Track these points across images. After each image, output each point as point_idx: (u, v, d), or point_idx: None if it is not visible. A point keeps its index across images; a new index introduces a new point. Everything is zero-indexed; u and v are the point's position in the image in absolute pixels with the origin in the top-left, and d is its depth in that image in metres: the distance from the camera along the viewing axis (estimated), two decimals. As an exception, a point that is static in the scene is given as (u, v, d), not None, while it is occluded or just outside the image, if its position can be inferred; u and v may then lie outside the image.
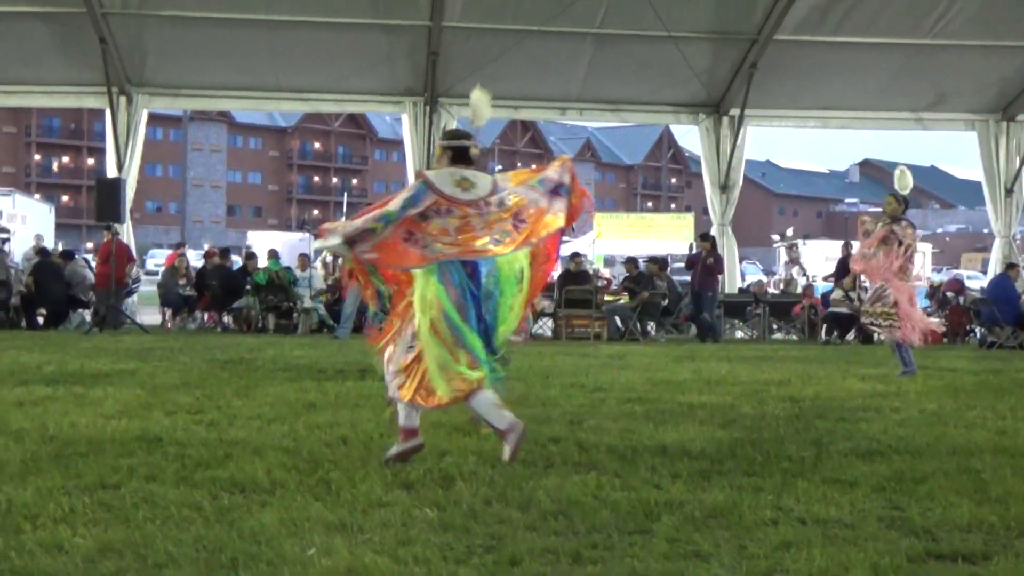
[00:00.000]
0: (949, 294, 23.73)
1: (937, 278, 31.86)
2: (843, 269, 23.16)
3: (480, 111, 7.13)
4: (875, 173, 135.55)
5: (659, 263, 22.95)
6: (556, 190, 6.92)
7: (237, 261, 24.31)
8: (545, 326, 22.88)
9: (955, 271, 50.18)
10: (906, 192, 13.15)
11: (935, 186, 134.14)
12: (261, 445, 6.95)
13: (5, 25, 21.30)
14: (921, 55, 22.73)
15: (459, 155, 6.80)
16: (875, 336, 15.85)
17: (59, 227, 38.91)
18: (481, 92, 7.13)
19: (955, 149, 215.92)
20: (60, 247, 30.65)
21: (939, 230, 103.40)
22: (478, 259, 6.52)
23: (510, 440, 6.54)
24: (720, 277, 22.38)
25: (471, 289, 6.48)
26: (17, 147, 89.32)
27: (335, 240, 6.47)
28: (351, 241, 6.45)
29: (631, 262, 24.71)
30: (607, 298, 22.83)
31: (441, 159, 6.86)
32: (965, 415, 9.20)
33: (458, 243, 6.51)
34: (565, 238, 8.60)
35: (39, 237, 29.54)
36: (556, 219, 6.82)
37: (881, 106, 24.73)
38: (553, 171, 7.02)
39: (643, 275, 22.92)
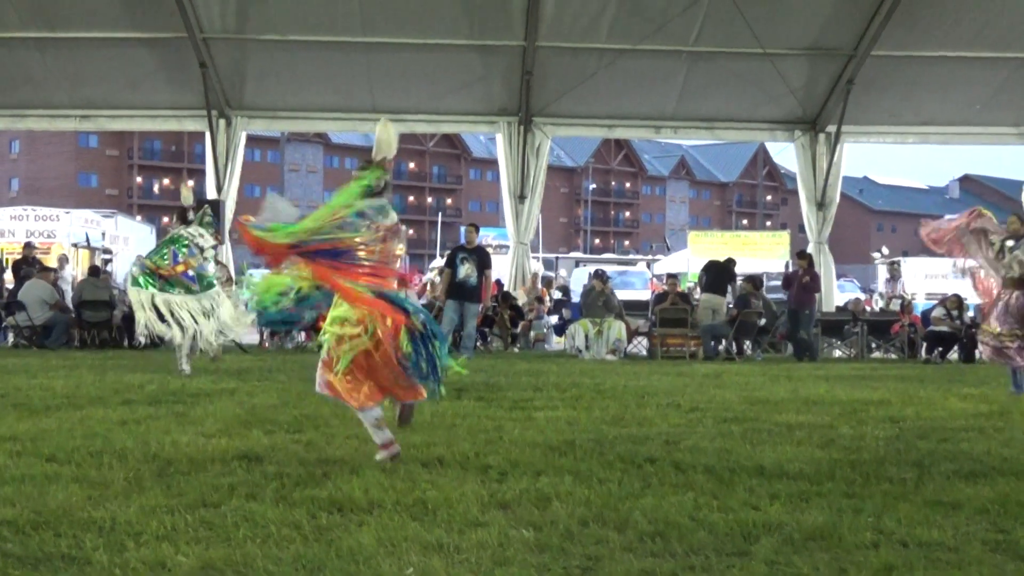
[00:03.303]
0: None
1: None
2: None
3: (382, 144, 7.45)
4: (976, 189, 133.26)
5: (754, 282, 22.76)
6: None
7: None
8: (640, 345, 22.80)
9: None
10: None
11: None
12: (358, 464, 6.98)
13: (111, 51, 21.84)
14: (1023, 69, 22.36)
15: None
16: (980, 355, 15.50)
17: (160, 248, 39.54)
18: (384, 124, 7.48)
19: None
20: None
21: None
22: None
23: (387, 454, 7.14)
24: (817, 295, 22.14)
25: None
26: (120, 169, 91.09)
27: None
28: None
29: (672, 278, 24.41)
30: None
31: None
32: (1072, 436, 9.00)
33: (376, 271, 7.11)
34: (658, 256, 8.85)
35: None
36: None
37: (982, 121, 24.35)
38: None
39: (684, 294, 23.09)
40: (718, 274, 22.67)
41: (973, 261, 13.23)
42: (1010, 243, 12.83)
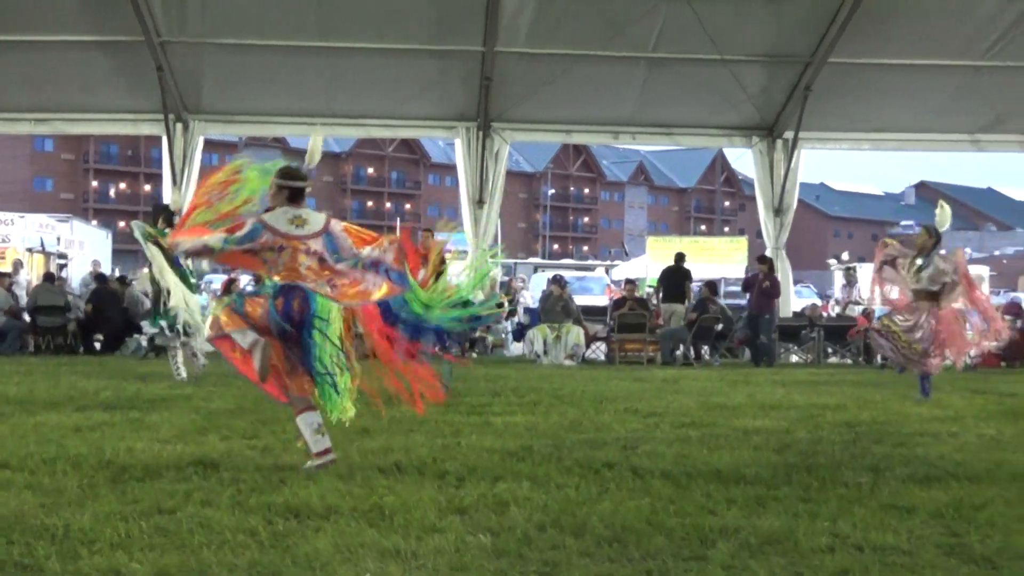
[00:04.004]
0: (1007, 317, 23.43)
1: (995, 301, 31.47)
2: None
3: (314, 156, 7.65)
4: (931, 195, 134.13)
5: (711, 287, 22.84)
6: (376, 266, 7.41)
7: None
8: (598, 350, 22.84)
9: (1013, 294, 49.53)
10: (943, 229, 13.08)
11: (992, 208, 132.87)
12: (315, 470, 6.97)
13: (66, 54, 21.62)
14: (978, 76, 22.55)
15: (295, 195, 7.38)
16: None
17: (116, 253, 39.29)
18: (316, 136, 7.71)
19: (1013, 171, 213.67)
20: (117, 273, 31.00)
21: (996, 252, 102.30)
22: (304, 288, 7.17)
23: (319, 462, 7.08)
24: (777, 300, 22.23)
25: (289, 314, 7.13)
26: (76, 174, 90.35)
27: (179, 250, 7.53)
28: (193, 253, 7.56)
29: (630, 284, 24.47)
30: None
31: (277, 196, 7.38)
32: (1025, 440, 9.09)
33: (283, 274, 7.22)
34: (617, 262, 8.89)
35: (96, 263, 29.87)
36: (365, 294, 7.28)
37: (937, 128, 24.53)
38: (376, 250, 7.47)
39: (642, 300, 23.11)
40: (673, 279, 22.75)
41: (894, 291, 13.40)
42: (919, 261, 12.87)
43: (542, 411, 10.86)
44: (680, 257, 23.47)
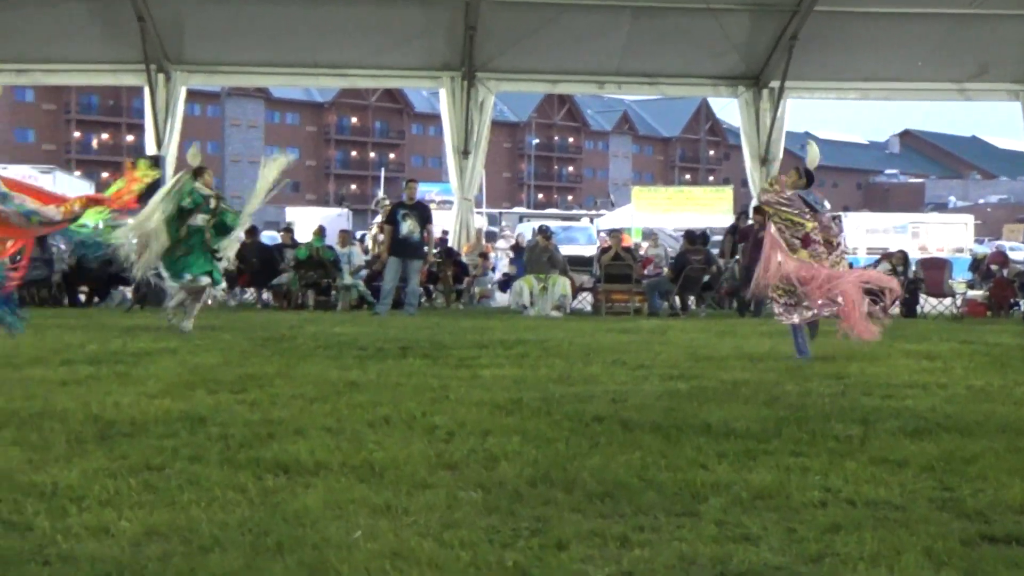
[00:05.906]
0: (993, 266, 23.47)
1: (980, 250, 31.48)
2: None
3: None
4: (915, 144, 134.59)
5: (692, 237, 22.65)
6: None
7: (275, 236, 24.46)
8: (584, 301, 22.81)
9: (997, 242, 49.61)
10: (813, 167, 12.54)
11: (977, 157, 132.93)
12: (304, 425, 6.92)
13: (45, 5, 21.40)
14: (964, 25, 22.50)
15: None
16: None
17: (99, 204, 39.03)
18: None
19: (997, 119, 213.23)
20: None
21: (980, 201, 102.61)
22: None
23: None
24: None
25: None
26: (57, 124, 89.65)
27: None
28: None
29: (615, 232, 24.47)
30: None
31: None
32: (1013, 392, 9.08)
33: None
34: (602, 211, 8.87)
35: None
36: None
37: (923, 77, 24.50)
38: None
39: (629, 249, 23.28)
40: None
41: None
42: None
43: (530, 364, 10.81)
44: (741, 217, 24.24)
